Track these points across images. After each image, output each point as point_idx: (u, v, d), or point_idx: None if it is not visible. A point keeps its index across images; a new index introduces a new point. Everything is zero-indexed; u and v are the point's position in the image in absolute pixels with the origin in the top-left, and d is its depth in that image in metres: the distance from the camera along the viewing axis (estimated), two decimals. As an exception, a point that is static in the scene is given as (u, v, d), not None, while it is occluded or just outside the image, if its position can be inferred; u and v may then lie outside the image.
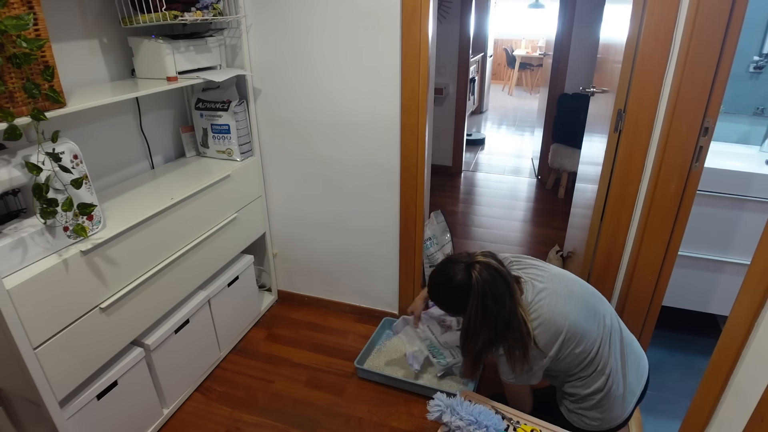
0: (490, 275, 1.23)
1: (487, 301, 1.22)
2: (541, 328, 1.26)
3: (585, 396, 1.35)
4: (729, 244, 2.00)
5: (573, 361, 1.30)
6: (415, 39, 1.73)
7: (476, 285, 1.23)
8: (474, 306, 1.23)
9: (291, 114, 2.04)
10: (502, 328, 1.25)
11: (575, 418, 1.40)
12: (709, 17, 1.35)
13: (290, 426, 1.73)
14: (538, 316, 1.27)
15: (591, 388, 1.33)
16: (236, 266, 2.04)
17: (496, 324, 1.24)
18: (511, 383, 1.36)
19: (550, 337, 1.26)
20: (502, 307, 1.23)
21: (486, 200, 3.81)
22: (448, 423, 1.20)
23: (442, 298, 1.36)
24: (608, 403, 1.34)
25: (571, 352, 1.28)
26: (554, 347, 1.27)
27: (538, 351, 1.27)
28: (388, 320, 2.19)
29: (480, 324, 1.24)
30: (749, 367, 1.00)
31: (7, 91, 1.10)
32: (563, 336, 1.26)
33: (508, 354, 1.29)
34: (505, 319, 1.24)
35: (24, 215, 1.29)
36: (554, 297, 1.29)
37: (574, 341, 1.28)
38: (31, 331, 1.19)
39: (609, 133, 1.66)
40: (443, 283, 1.31)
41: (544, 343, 1.26)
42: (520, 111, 7.00)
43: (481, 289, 1.22)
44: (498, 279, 1.24)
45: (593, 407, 1.35)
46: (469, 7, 3.85)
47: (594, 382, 1.33)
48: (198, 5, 1.68)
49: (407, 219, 2.04)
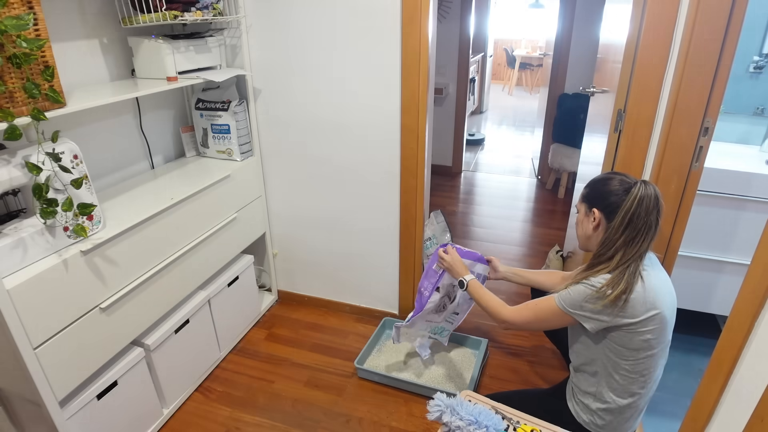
0: (653, 195, 1.19)
1: (640, 209, 1.18)
2: (642, 291, 1.18)
3: (616, 398, 1.28)
4: (729, 244, 2.00)
5: (636, 346, 1.21)
6: (415, 39, 1.73)
7: (637, 192, 1.19)
8: (627, 206, 1.19)
9: (291, 114, 2.04)
10: (629, 251, 1.19)
11: (587, 417, 1.34)
12: (709, 17, 1.35)
13: (290, 426, 1.73)
14: (646, 283, 1.20)
15: (627, 394, 1.27)
16: (236, 266, 2.04)
17: (634, 235, 1.19)
18: (562, 309, 1.25)
19: (643, 304, 1.18)
20: (644, 233, 1.19)
21: (486, 200, 3.81)
22: (448, 423, 1.20)
23: (598, 190, 1.28)
24: (630, 413, 1.30)
25: (645, 333, 1.20)
26: (639, 316, 1.18)
27: (619, 308, 1.18)
28: (388, 320, 2.19)
29: (623, 227, 1.20)
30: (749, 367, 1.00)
31: (7, 91, 1.10)
32: (653, 314, 1.18)
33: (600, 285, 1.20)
34: (636, 246, 1.19)
35: (24, 215, 1.29)
36: (660, 281, 1.24)
37: (655, 328, 1.20)
38: (31, 331, 1.19)
39: (609, 133, 1.66)
40: (607, 178, 1.27)
41: (632, 305, 1.18)
42: (520, 111, 7.00)
43: (639, 196, 1.18)
44: (657, 204, 1.19)
45: (616, 411, 1.29)
46: (469, 7, 3.85)
47: (634, 386, 1.26)
48: (198, 5, 1.68)
49: (407, 219, 2.04)
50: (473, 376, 1.86)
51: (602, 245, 1.25)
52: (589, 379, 1.34)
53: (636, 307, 1.18)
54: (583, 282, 1.23)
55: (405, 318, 2.31)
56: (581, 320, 1.24)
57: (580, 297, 1.23)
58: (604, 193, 1.26)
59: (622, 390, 1.27)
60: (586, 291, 1.21)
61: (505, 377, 1.94)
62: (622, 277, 1.18)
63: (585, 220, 1.32)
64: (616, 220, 1.21)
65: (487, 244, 3.09)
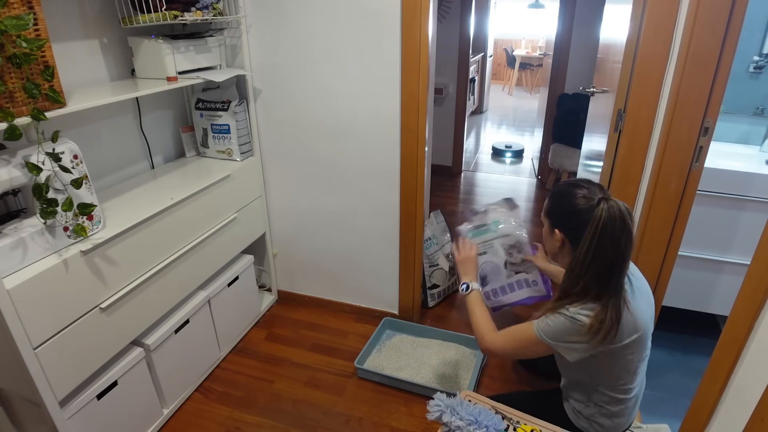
0: (618, 218, 1.07)
1: (603, 240, 1.07)
2: (629, 319, 1.13)
3: (606, 405, 1.29)
4: (729, 244, 2.00)
5: (621, 366, 1.20)
6: (415, 39, 1.73)
7: (599, 216, 1.07)
8: (589, 237, 1.08)
9: (291, 114, 2.04)
10: (605, 279, 1.09)
11: (584, 423, 1.34)
12: (709, 17, 1.35)
13: (290, 426, 1.73)
14: (631, 309, 1.14)
15: (614, 401, 1.27)
16: (236, 266, 2.04)
17: (602, 269, 1.09)
18: (541, 339, 1.17)
19: (627, 332, 1.14)
20: (617, 255, 1.08)
21: (486, 200, 3.81)
22: (448, 423, 1.20)
23: (559, 207, 1.19)
24: (625, 414, 1.31)
25: (628, 355, 1.18)
26: (623, 341, 1.13)
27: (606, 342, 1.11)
28: (388, 320, 2.19)
29: (588, 261, 1.09)
30: (749, 367, 1.00)
31: (7, 91, 1.10)
32: (635, 337, 1.15)
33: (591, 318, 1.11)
34: (613, 270, 1.09)
35: (24, 215, 1.29)
36: (642, 296, 1.19)
37: (637, 348, 1.17)
38: (31, 331, 1.19)
39: (609, 133, 1.66)
40: (568, 193, 1.16)
41: (618, 334, 1.12)
42: (520, 111, 7.00)
43: (602, 223, 1.07)
44: (624, 228, 1.07)
45: (609, 415, 1.30)
46: (469, 7, 3.85)
47: (620, 393, 1.26)
48: (198, 5, 1.68)
49: (407, 219, 2.04)
50: (473, 376, 1.86)
51: (569, 275, 1.14)
52: (577, 388, 1.34)
53: (621, 336, 1.13)
54: (563, 313, 1.14)
55: (405, 318, 2.31)
56: (562, 352, 1.17)
57: (562, 330, 1.14)
58: (566, 213, 1.17)
59: (609, 398, 1.28)
60: (569, 325, 1.13)
61: (505, 377, 1.94)
62: (606, 315, 1.10)
63: (550, 238, 1.24)
64: (580, 251, 1.11)
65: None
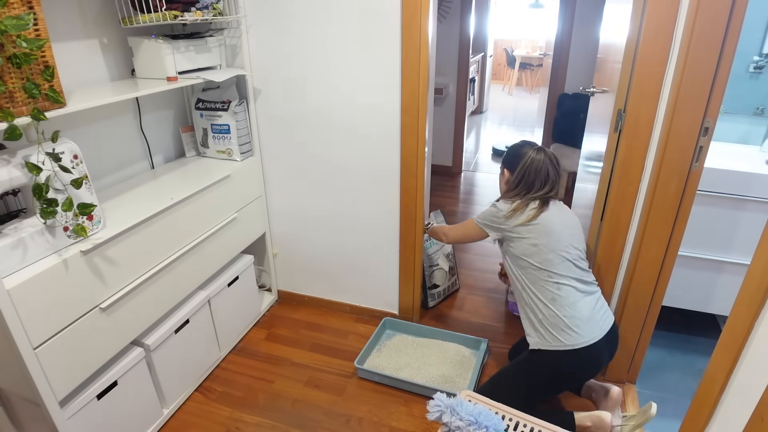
0: (544, 156, 1.63)
1: (531, 166, 1.63)
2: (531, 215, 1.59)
3: (545, 301, 1.53)
4: (729, 244, 2.00)
5: (527, 251, 1.56)
6: (415, 39, 1.73)
7: (530, 153, 1.64)
8: (521, 162, 1.64)
9: (291, 114, 2.04)
10: (529, 190, 1.64)
11: (536, 339, 1.54)
12: (709, 17, 1.35)
13: (290, 426, 1.73)
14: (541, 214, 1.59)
15: (547, 299, 1.53)
16: (236, 266, 2.04)
17: (528, 184, 1.64)
18: (476, 222, 1.70)
19: (520, 216, 1.59)
20: (537, 177, 1.63)
21: (486, 200, 3.81)
22: (448, 423, 1.20)
23: (508, 155, 1.72)
24: (561, 323, 1.49)
25: (533, 239, 1.55)
26: (518, 222, 1.58)
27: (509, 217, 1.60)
28: (388, 320, 2.19)
29: (519, 178, 1.65)
30: (749, 367, 1.00)
31: (7, 91, 1.10)
32: (535, 224, 1.56)
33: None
34: (533, 185, 1.63)
35: (24, 215, 1.29)
36: (559, 212, 1.63)
37: (541, 237, 1.54)
38: (31, 331, 1.19)
39: (609, 133, 1.66)
40: (515, 145, 1.72)
41: (517, 218, 1.59)
42: (520, 111, 7.00)
43: (531, 156, 1.63)
44: (547, 162, 1.63)
45: (550, 319, 1.51)
46: (469, 7, 3.85)
47: (549, 288, 1.53)
48: (198, 5, 1.68)
49: (407, 219, 2.04)
50: (473, 376, 1.86)
51: (508, 186, 1.70)
52: (521, 302, 1.62)
53: (519, 219, 1.58)
54: (492, 205, 1.68)
55: (405, 318, 2.32)
56: (488, 230, 1.67)
57: (488, 213, 1.67)
58: (512, 156, 1.70)
59: (542, 296, 1.53)
60: (493, 210, 1.66)
61: (505, 377, 1.94)
62: (523, 205, 1.61)
63: (502, 178, 1.75)
64: (517, 172, 1.66)
65: (487, 243, 3.09)
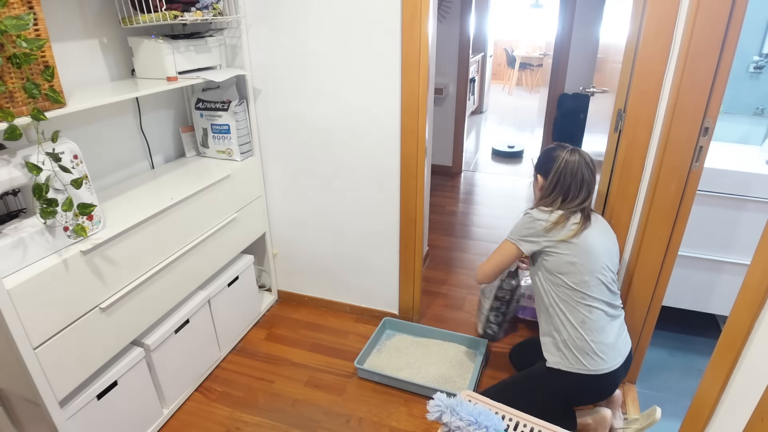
0: (579, 157, 1.53)
1: (566, 169, 1.53)
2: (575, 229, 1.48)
3: (574, 323, 1.45)
4: (729, 244, 2.00)
5: (563, 268, 1.46)
6: (415, 39, 1.73)
7: (564, 156, 1.54)
8: (556, 166, 1.54)
9: (291, 114, 2.04)
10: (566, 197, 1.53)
11: (557, 358, 1.48)
12: (709, 17, 1.35)
13: (290, 426, 1.73)
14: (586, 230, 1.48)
15: (577, 321, 1.46)
16: (236, 266, 2.04)
17: (564, 189, 1.53)
18: (509, 240, 1.56)
19: (561, 231, 1.47)
20: (574, 181, 1.52)
21: (486, 200, 3.81)
22: (448, 423, 1.20)
23: (541, 159, 1.63)
24: (587, 347, 1.43)
25: (571, 257, 1.45)
26: (557, 238, 1.46)
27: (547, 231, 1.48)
28: (388, 320, 2.19)
29: (555, 182, 1.54)
30: (749, 367, 1.00)
31: (7, 91, 1.10)
32: (576, 242, 1.45)
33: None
34: (570, 191, 1.52)
35: (24, 215, 1.29)
36: (597, 226, 1.52)
37: (580, 254, 1.44)
38: (31, 331, 1.19)
39: (609, 133, 1.66)
40: (548, 149, 1.62)
41: (558, 232, 1.47)
42: (520, 111, 7.00)
43: (566, 159, 1.53)
44: (583, 163, 1.52)
45: (577, 342, 1.44)
46: (469, 7, 3.85)
47: (580, 310, 1.45)
48: (198, 5, 1.68)
49: (407, 219, 2.04)
50: (473, 376, 1.86)
51: (541, 192, 1.59)
52: (544, 317, 1.55)
53: (559, 234, 1.47)
54: (525, 214, 1.55)
55: (405, 318, 2.32)
56: (522, 246, 1.52)
57: (521, 225, 1.54)
58: (544, 160, 1.59)
59: (571, 317, 1.46)
60: (526, 220, 1.53)
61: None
62: (557, 215, 1.50)
63: (535, 185, 1.65)
64: (552, 176, 1.55)
65: (487, 244, 3.09)
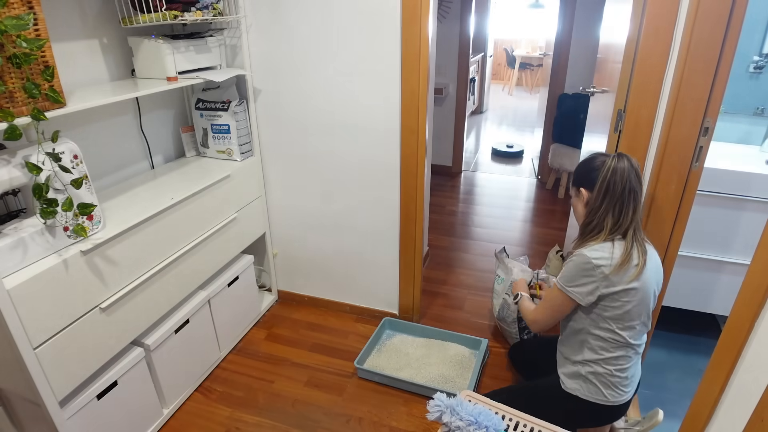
0: (627, 164, 1.29)
1: (614, 178, 1.28)
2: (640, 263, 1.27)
3: (606, 360, 1.34)
4: (729, 244, 2.00)
5: (617, 314, 1.29)
6: (415, 39, 1.73)
7: (610, 164, 1.30)
8: (601, 178, 1.30)
9: (291, 114, 2.04)
10: (617, 217, 1.29)
11: (576, 386, 1.38)
12: (709, 17, 1.35)
13: (290, 426, 1.73)
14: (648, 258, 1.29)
15: (611, 354, 1.33)
16: (236, 266, 2.04)
17: (614, 207, 1.29)
18: (561, 289, 1.35)
19: (624, 275, 1.26)
20: (624, 194, 1.28)
21: (486, 200, 3.81)
22: (447, 423, 1.20)
23: (581, 170, 1.40)
24: (618, 380, 1.34)
25: (626, 303, 1.28)
26: (625, 284, 1.26)
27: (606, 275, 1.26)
28: (388, 320, 2.19)
29: (601, 197, 1.30)
30: (749, 367, 1.00)
31: (7, 91, 1.10)
32: (637, 285, 1.27)
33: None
34: (622, 208, 1.29)
35: (24, 215, 1.29)
36: (650, 261, 1.31)
37: (635, 298, 1.28)
38: (31, 331, 1.19)
39: (609, 133, 1.66)
40: (588, 158, 1.39)
41: (621, 277, 1.26)
42: (520, 111, 7.00)
43: (612, 167, 1.29)
44: (631, 170, 1.28)
45: (604, 377, 1.34)
46: (469, 7, 3.85)
47: (618, 347, 1.32)
48: (198, 5, 1.68)
49: (407, 219, 2.04)
50: (473, 376, 1.86)
51: (588, 212, 1.36)
52: (570, 348, 1.41)
53: (622, 277, 1.26)
54: (575, 255, 1.32)
55: (405, 318, 2.32)
56: (577, 297, 1.31)
57: (574, 270, 1.30)
58: (585, 170, 1.37)
59: (605, 354, 1.33)
60: (579, 262, 1.29)
61: (505, 377, 1.94)
62: (616, 249, 1.27)
63: (577, 201, 1.42)
64: (597, 190, 1.32)
65: (487, 243, 3.09)
